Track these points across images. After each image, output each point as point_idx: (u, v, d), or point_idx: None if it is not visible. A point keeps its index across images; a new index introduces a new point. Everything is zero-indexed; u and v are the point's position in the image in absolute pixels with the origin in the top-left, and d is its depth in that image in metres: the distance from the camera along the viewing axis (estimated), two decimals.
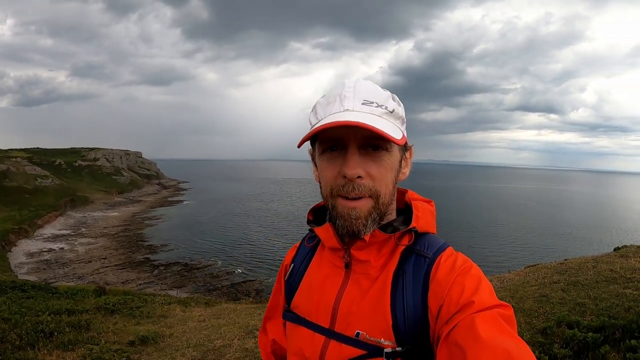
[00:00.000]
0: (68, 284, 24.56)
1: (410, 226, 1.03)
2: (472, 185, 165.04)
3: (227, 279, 31.60)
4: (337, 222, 1.01)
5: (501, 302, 0.90)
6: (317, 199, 1.15)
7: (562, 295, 6.21)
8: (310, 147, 1.10)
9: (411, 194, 1.14)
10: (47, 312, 8.90)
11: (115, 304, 10.47)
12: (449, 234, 46.62)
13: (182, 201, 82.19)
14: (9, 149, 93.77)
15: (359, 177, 0.95)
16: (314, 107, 1.02)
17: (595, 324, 4.77)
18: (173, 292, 24.92)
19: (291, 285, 1.19)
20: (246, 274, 33.07)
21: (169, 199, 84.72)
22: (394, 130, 0.96)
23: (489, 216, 69.01)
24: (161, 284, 30.19)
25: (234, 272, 33.42)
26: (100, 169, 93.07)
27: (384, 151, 0.97)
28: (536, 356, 4.83)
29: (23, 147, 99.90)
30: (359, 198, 0.96)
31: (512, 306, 2.17)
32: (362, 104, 0.96)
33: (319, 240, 1.17)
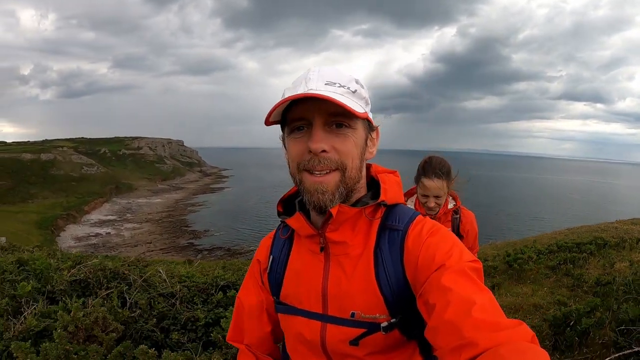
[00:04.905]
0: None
1: (379, 200, 1.06)
2: (510, 176, 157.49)
3: None
4: (304, 197, 1.03)
5: (472, 257, 0.94)
6: None
7: (564, 237, 11.80)
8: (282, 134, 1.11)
9: (375, 167, 1.16)
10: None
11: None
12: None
13: (223, 188, 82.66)
14: (55, 139, 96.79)
15: (323, 151, 0.99)
16: (283, 93, 1.03)
17: (574, 241, 10.06)
18: None
19: (275, 278, 1.18)
20: None
21: (211, 186, 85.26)
22: (356, 107, 0.99)
23: (522, 208, 64.96)
24: None
25: None
26: (143, 157, 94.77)
27: (348, 128, 1.00)
28: (542, 251, 9.61)
29: (69, 137, 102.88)
30: (327, 173, 1.00)
31: (536, 241, 12.36)
32: (325, 84, 0.99)
33: (294, 230, 1.16)
